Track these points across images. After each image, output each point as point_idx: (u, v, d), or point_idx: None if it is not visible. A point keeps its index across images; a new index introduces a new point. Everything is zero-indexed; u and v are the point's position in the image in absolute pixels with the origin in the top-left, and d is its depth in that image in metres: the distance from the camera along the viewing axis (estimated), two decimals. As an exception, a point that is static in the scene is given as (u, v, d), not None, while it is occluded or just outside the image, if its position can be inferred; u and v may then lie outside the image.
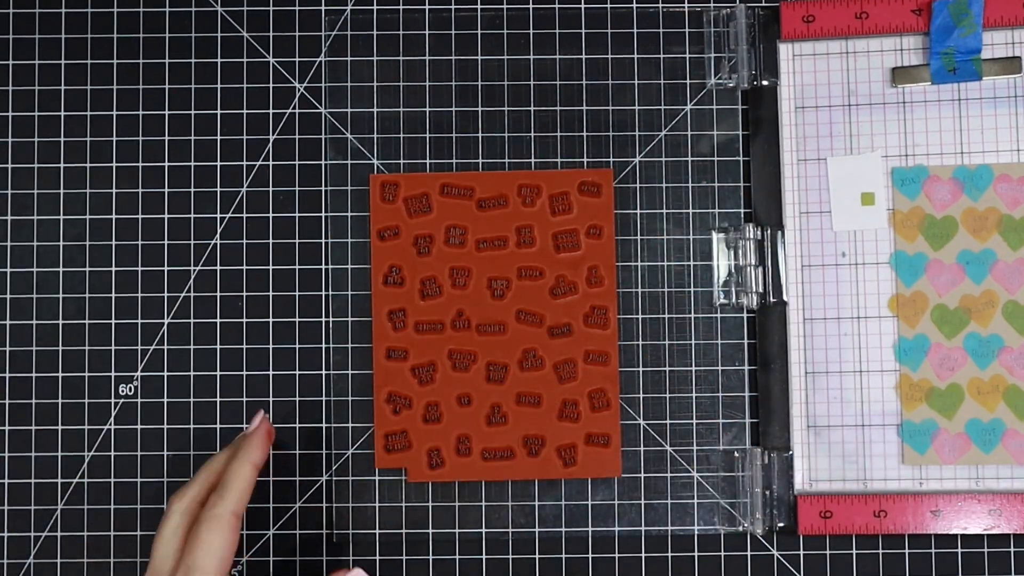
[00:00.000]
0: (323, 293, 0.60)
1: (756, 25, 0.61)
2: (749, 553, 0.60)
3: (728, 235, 0.61)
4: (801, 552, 0.60)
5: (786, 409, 0.60)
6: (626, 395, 0.60)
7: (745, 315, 0.61)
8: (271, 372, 0.60)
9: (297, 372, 0.60)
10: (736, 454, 0.60)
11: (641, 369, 0.60)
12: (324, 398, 0.60)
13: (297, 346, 0.60)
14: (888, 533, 0.59)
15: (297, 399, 0.60)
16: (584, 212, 0.60)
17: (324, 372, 0.60)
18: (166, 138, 0.61)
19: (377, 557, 0.60)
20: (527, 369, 0.59)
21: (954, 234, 0.59)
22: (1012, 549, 0.59)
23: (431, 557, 0.60)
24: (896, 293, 0.59)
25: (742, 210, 0.61)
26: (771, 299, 0.60)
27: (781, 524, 0.59)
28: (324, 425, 0.60)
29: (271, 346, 0.60)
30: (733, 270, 0.60)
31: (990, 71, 0.59)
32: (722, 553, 0.60)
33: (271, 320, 0.60)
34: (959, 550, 0.59)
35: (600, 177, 0.60)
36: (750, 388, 0.60)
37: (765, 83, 0.61)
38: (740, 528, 0.60)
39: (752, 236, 0.60)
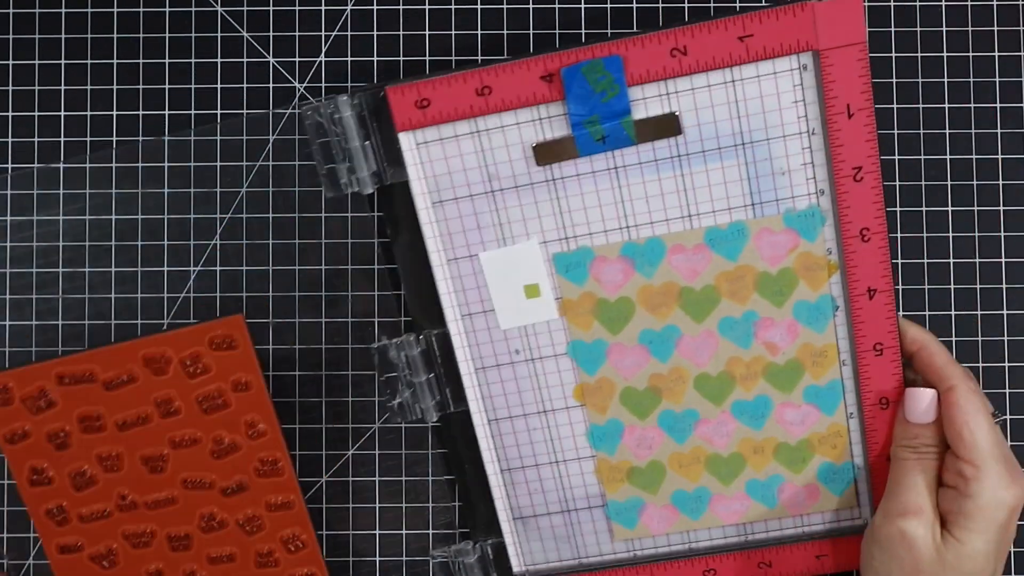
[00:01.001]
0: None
1: (366, 116, 0.50)
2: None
3: (393, 351, 0.55)
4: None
5: (489, 504, 0.57)
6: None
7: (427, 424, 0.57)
8: (271, 372, 0.59)
9: (298, 373, 0.59)
10: (449, 555, 0.58)
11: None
12: None
13: (297, 346, 0.58)
14: (609, 603, 0.59)
15: (297, 399, 0.59)
16: (223, 368, 0.54)
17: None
18: (166, 138, 0.58)
19: None
20: (211, 531, 0.56)
21: (632, 315, 0.53)
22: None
23: None
24: (580, 382, 0.55)
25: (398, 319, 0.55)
26: (451, 407, 0.55)
27: (507, 604, 0.59)
28: None
29: (271, 347, 0.58)
30: (404, 384, 0.55)
31: (645, 134, 0.50)
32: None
33: (271, 320, 0.58)
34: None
35: (231, 327, 0.53)
36: (453, 491, 0.58)
37: (393, 178, 0.52)
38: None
39: (417, 347, 0.54)
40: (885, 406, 0.53)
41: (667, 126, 0.50)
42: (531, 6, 0.56)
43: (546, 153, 0.50)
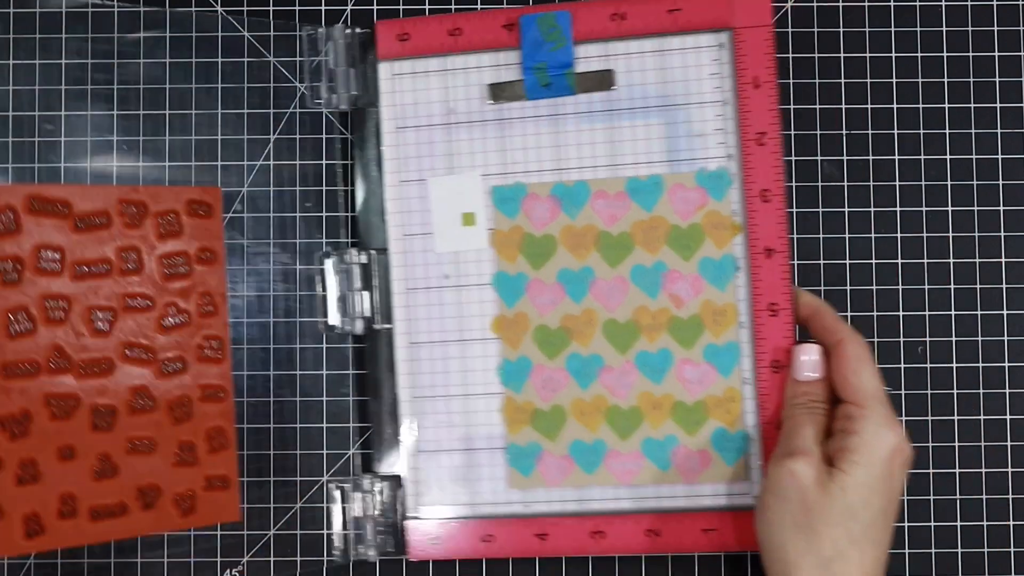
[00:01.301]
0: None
1: (355, 45, 0.60)
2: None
3: (334, 260, 0.60)
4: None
5: (395, 434, 0.59)
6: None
7: (350, 340, 0.60)
8: (272, 372, 0.61)
9: (298, 372, 0.61)
10: (346, 483, 0.60)
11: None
12: None
13: (298, 346, 0.61)
14: (495, 557, 0.59)
15: (298, 398, 0.60)
16: (194, 234, 0.57)
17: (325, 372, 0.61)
18: (167, 138, 0.61)
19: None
20: (138, 412, 0.56)
21: (554, 253, 0.59)
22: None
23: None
24: (499, 314, 0.59)
25: (347, 236, 0.61)
26: (378, 324, 0.60)
27: (396, 550, 0.59)
28: None
29: (272, 346, 0.61)
30: (340, 295, 0.60)
31: (583, 85, 0.59)
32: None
33: (271, 320, 0.60)
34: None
35: (210, 196, 0.58)
36: (359, 415, 0.60)
37: (366, 104, 0.60)
38: (357, 556, 0.60)
39: (357, 260, 0.60)
40: (777, 369, 0.57)
41: (603, 80, 0.59)
42: (531, 6, 0.62)
43: (498, 92, 0.59)
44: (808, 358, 0.55)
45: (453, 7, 0.63)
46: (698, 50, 0.58)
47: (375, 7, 0.62)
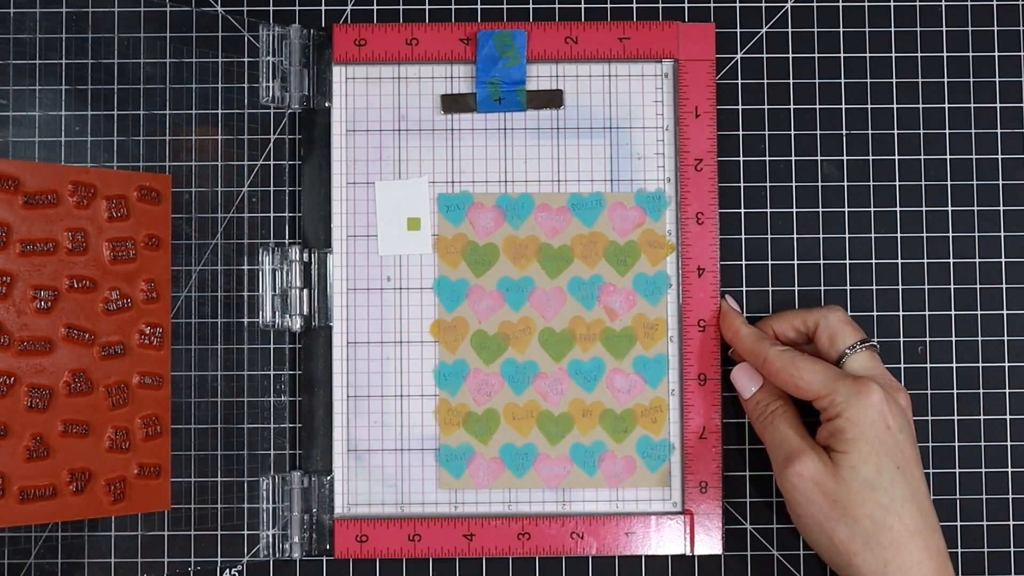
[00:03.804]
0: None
1: (310, 46, 0.64)
2: (295, 577, 0.63)
3: (275, 256, 0.63)
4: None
5: (328, 433, 0.63)
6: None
7: (287, 338, 0.64)
8: (271, 372, 0.63)
9: (301, 372, 0.63)
10: (276, 479, 0.62)
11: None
12: None
13: (297, 346, 0.64)
14: (422, 557, 0.62)
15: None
16: (143, 220, 0.61)
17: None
18: (167, 138, 0.63)
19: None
20: (75, 394, 0.59)
21: (495, 261, 0.63)
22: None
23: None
24: (438, 318, 0.63)
25: (290, 231, 0.64)
26: (317, 322, 0.63)
27: (323, 548, 0.62)
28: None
29: (272, 346, 0.63)
30: (280, 292, 0.63)
31: (534, 103, 0.64)
32: (268, 577, 0.63)
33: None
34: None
35: (160, 183, 0.61)
36: (293, 410, 0.63)
37: (317, 105, 0.64)
38: (281, 554, 0.62)
39: (298, 258, 0.63)
40: (703, 382, 0.62)
41: (552, 99, 0.64)
42: (531, 6, 0.65)
43: (451, 104, 0.64)
44: (742, 376, 0.60)
45: (453, 7, 0.66)
46: (643, 77, 0.64)
47: (375, 7, 0.66)
